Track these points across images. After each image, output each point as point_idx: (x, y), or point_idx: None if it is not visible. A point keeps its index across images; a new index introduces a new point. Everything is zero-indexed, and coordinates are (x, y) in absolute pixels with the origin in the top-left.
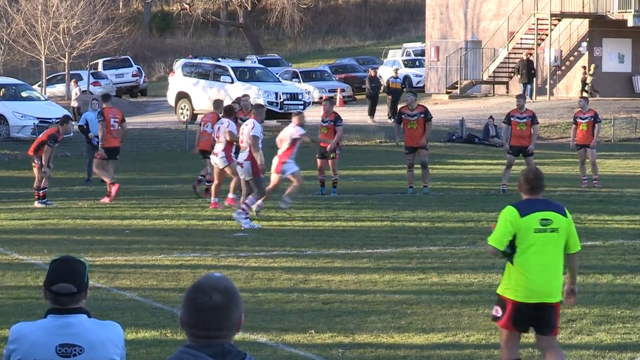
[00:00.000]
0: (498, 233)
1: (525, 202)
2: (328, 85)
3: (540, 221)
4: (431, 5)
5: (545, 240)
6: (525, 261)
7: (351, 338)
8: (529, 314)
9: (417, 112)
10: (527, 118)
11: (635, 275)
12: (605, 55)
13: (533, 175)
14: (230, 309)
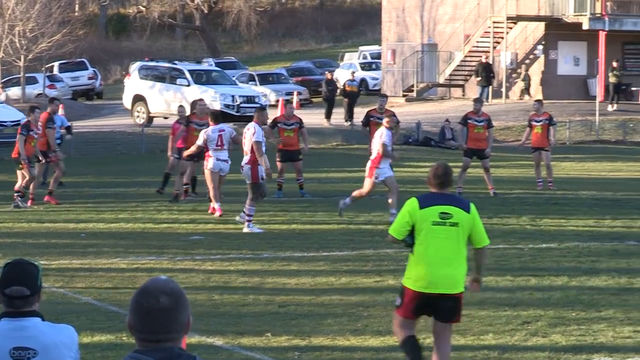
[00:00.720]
0: (397, 223)
1: (429, 195)
2: (285, 88)
3: (439, 214)
4: (387, 8)
5: (444, 234)
6: (424, 252)
7: (307, 341)
8: (428, 303)
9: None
10: (484, 121)
11: (590, 277)
12: (560, 58)
13: (442, 170)
14: (178, 311)
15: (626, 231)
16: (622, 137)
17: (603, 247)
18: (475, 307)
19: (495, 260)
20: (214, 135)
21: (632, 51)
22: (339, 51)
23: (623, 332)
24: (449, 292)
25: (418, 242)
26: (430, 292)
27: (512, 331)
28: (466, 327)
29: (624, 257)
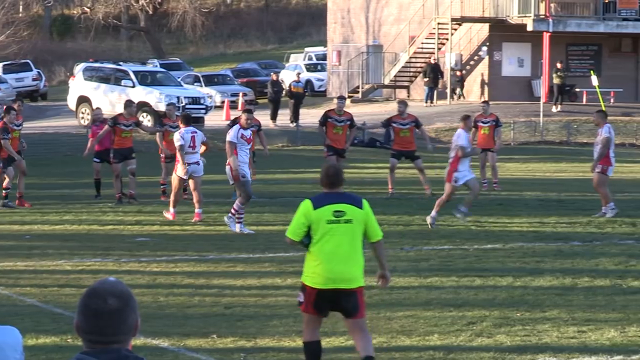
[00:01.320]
0: (294, 225)
1: (322, 195)
2: (230, 89)
3: (333, 213)
4: (333, 9)
5: (339, 231)
6: (321, 250)
7: (253, 342)
8: (328, 299)
9: (345, 119)
10: (409, 123)
11: (534, 277)
12: (505, 59)
13: (333, 171)
14: (126, 313)
15: (570, 232)
16: (566, 138)
17: (547, 247)
18: (420, 308)
19: (441, 261)
20: (188, 136)
21: (576, 52)
22: (284, 52)
23: (567, 332)
24: (347, 287)
25: (315, 241)
26: (329, 288)
27: (457, 332)
28: (412, 328)
29: (568, 257)
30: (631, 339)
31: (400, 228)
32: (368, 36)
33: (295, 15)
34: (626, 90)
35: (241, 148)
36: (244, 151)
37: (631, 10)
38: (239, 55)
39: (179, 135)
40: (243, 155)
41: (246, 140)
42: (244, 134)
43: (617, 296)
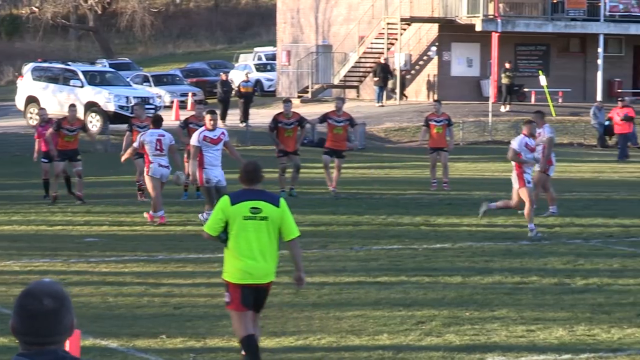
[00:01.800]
0: (211, 221)
1: (240, 191)
2: (179, 89)
3: (250, 209)
4: (282, 9)
5: (255, 227)
6: (237, 246)
7: (203, 342)
8: (250, 293)
9: (294, 120)
10: (344, 121)
11: (483, 277)
12: (454, 59)
13: (252, 167)
14: (62, 314)
15: (519, 231)
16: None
17: (496, 247)
18: (369, 308)
19: (390, 261)
20: (152, 138)
21: (524, 52)
22: (233, 52)
23: (516, 331)
24: (262, 282)
25: (232, 236)
26: (247, 283)
27: (406, 331)
28: (361, 328)
29: (517, 256)
30: (579, 338)
31: (350, 228)
32: (317, 36)
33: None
34: (574, 90)
35: (207, 151)
36: (211, 154)
37: (579, 10)
38: (188, 55)
39: (139, 138)
40: (210, 158)
41: (211, 142)
42: (207, 136)
43: (566, 295)
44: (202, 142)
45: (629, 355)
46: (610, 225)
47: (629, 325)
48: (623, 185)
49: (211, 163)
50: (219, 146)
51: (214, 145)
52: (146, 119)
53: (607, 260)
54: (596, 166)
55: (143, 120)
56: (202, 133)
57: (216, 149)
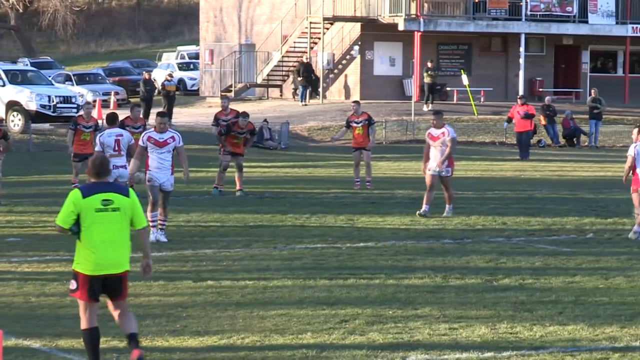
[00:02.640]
0: (63, 213)
1: (91, 184)
2: (102, 88)
3: (101, 201)
4: (205, 8)
5: (107, 219)
6: (90, 238)
7: (126, 342)
8: (100, 284)
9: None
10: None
11: (406, 275)
12: (376, 58)
13: (99, 161)
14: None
15: (442, 229)
16: None
17: (419, 245)
18: (293, 307)
19: (314, 260)
20: (110, 139)
21: (446, 51)
22: (156, 51)
23: (439, 329)
24: (116, 272)
25: (84, 228)
26: (99, 274)
27: (330, 330)
28: (285, 327)
29: (439, 255)
30: (502, 336)
31: (273, 227)
32: (240, 35)
33: (167, 13)
34: (496, 89)
35: (152, 153)
36: (155, 156)
37: (501, 10)
38: (110, 54)
39: (98, 139)
40: (154, 160)
41: (156, 144)
42: (151, 137)
43: (488, 293)
44: (147, 143)
45: (551, 353)
46: (532, 223)
47: (551, 323)
48: (545, 183)
49: (156, 166)
50: (166, 149)
51: (159, 148)
52: (91, 119)
53: (529, 258)
54: (518, 165)
55: (89, 120)
56: (148, 133)
57: (161, 151)
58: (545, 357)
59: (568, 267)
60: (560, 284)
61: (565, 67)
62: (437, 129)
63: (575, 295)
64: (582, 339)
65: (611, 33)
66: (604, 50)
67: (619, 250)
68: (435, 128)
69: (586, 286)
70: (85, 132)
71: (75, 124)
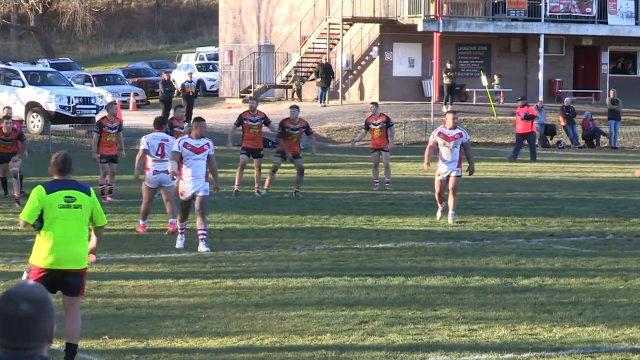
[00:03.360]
0: (28, 209)
1: (54, 181)
2: (121, 89)
3: (64, 198)
4: (224, 9)
5: (69, 215)
6: (51, 233)
7: (145, 343)
8: (55, 279)
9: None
10: (259, 120)
11: (425, 276)
12: (395, 59)
13: (61, 159)
14: (40, 319)
15: (461, 230)
16: None
17: (438, 246)
18: (313, 307)
19: (333, 261)
20: (155, 142)
21: (466, 52)
22: (175, 52)
23: (458, 330)
24: (75, 267)
25: (46, 224)
26: (57, 269)
27: (349, 331)
28: (304, 328)
29: (459, 256)
30: (521, 337)
31: (293, 228)
32: (260, 36)
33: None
34: (515, 90)
35: (187, 159)
36: (191, 163)
37: (520, 10)
38: (130, 55)
39: (144, 139)
40: (190, 167)
41: (193, 150)
42: (188, 143)
43: (508, 295)
44: (182, 149)
45: (571, 354)
46: (552, 224)
47: (571, 325)
48: (564, 184)
49: (190, 174)
50: (201, 156)
51: (195, 155)
52: (115, 120)
53: (549, 259)
54: (537, 166)
55: (113, 121)
56: (184, 140)
57: (197, 158)
58: (565, 359)
59: (588, 269)
60: (579, 285)
61: (585, 68)
62: (452, 130)
63: (594, 296)
64: (602, 340)
65: (631, 34)
66: (623, 51)
67: (638, 251)
68: (450, 128)
69: (606, 287)
70: (111, 133)
71: (101, 126)
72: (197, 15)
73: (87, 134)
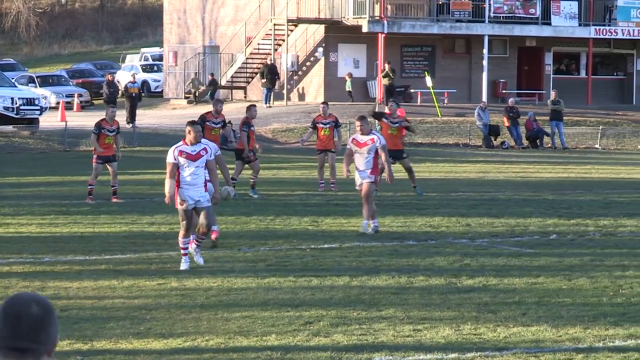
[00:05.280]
0: None
1: None
2: (65, 90)
3: None
4: (169, 10)
5: None
6: None
7: (90, 345)
8: None
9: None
10: (220, 123)
11: (370, 277)
12: (340, 60)
13: None
14: (49, 323)
15: (406, 231)
16: None
17: (383, 247)
18: (258, 308)
19: (278, 262)
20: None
21: (410, 53)
22: (120, 53)
23: (403, 330)
24: None
25: None
26: None
27: (294, 331)
28: (249, 329)
29: (403, 256)
30: (466, 337)
31: (238, 229)
32: (204, 37)
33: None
34: (460, 90)
35: (183, 168)
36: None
37: (464, 11)
38: (74, 56)
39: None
40: (187, 176)
41: (188, 157)
42: (183, 151)
43: (452, 295)
44: (178, 159)
45: (515, 354)
46: (496, 224)
47: (515, 324)
48: (508, 185)
49: (188, 182)
50: (199, 163)
51: (193, 162)
52: (114, 122)
53: (493, 259)
54: (481, 166)
55: (112, 124)
56: (178, 148)
57: (195, 165)
58: (509, 358)
59: (531, 268)
60: (523, 285)
61: (529, 69)
62: (364, 135)
63: (538, 296)
64: (546, 339)
65: (574, 35)
66: (567, 52)
67: (582, 251)
68: (362, 134)
69: (549, 287)
70: (109, 135)
71: (100, 128)
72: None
73: (30, 134)
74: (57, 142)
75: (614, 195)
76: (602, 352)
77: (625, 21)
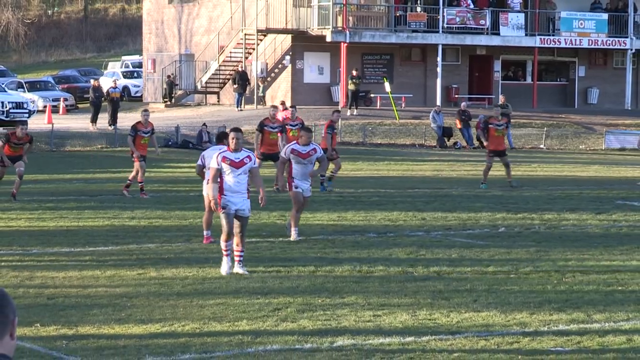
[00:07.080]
0: None
1: None
2: (52, 94)
3: None
4: (147, 20)
5: None
6: None
7: (74, 330)
8: None
9: (151, 129)
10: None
11: (334, 267)
12: (306, 67)
13: None
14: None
15: (366, 224)
16: (362, 139)
17: (346, 239)
18: (230, 296)
19: (249, 252)
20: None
21: (370, 61)
22: (102, 60)
23: (364, 316)
24: None
25: None
26: None
27: (264, 317)
28: (222, 315)
29: (364, 248)
30: (421, 322)
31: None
32: (180, 45)
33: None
34: (416, 95)
35: (228, 174)
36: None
37: (420, 22)
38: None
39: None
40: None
41: (232, 164)
42: (226, 157)
43: (409, 283)
44: (221, 165)
45: (466, 337)
46: (449, 218)
47: (467, 310)
48: (460, 182)
49: (231, 189)
50: (242, 170)
51: (236, 169)
52: (149, 124)
53: (447, 250)
54: (436, 165)
55: (147, 126)
56: (222, 154)
57: (238, 173)
58: (462, 342)
59: (482, 259)
60: (474, 274)
61: (479, 75)
62: (306, 146)
63: (488, 284)
64: (495, 324)
65: (521, 44)
66: (514, 60)
67: (528, 243)
68: (303, 145)
69: (498, 276)
70: (145, 137)
71: (136, 130)
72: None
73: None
74: (44, 142)
75: (557, 192)
76: (547, 335)
77: (567, 31)
